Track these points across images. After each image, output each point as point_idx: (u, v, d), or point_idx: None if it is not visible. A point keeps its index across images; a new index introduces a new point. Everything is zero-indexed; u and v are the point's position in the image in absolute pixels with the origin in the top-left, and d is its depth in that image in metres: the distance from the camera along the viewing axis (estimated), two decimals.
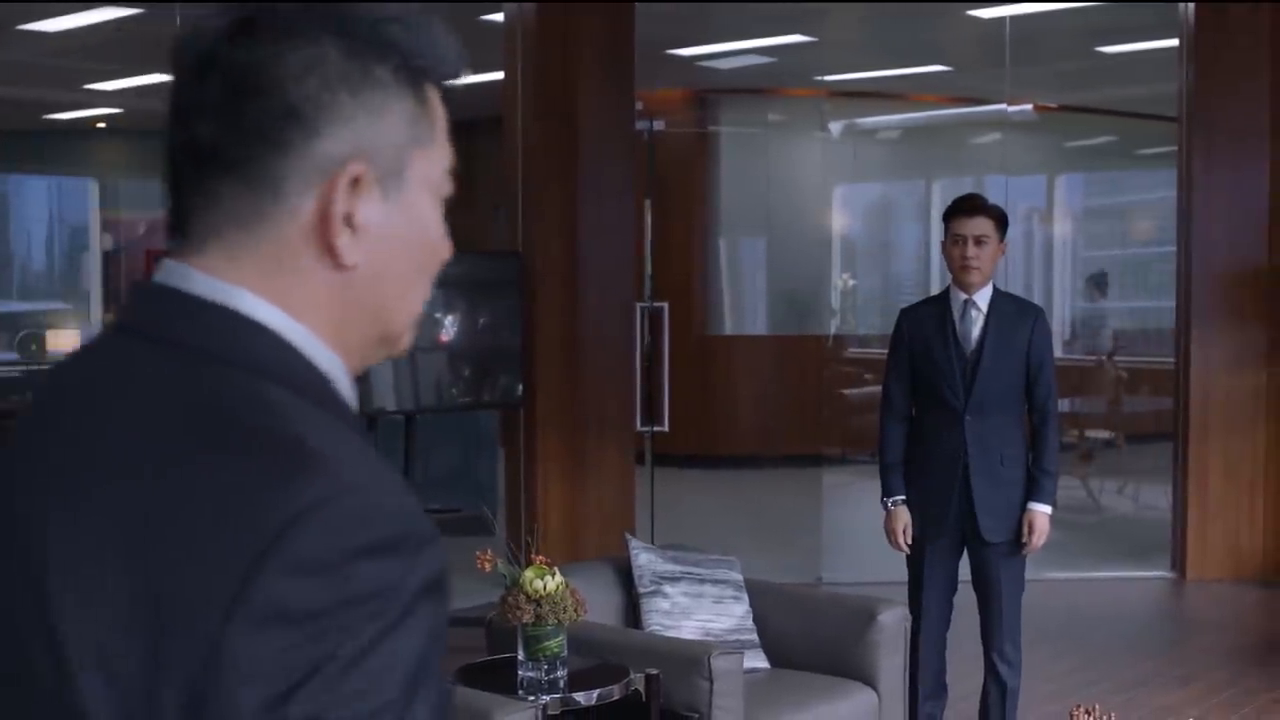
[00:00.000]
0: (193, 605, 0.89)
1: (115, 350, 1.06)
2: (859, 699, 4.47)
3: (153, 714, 0.90)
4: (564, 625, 3.84)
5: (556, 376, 7.37)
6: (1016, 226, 13.46)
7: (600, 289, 7.46)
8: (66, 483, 0.99)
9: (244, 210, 1.03)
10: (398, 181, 1.06)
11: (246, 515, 0.90)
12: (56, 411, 1.06)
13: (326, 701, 0.87)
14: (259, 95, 1.01)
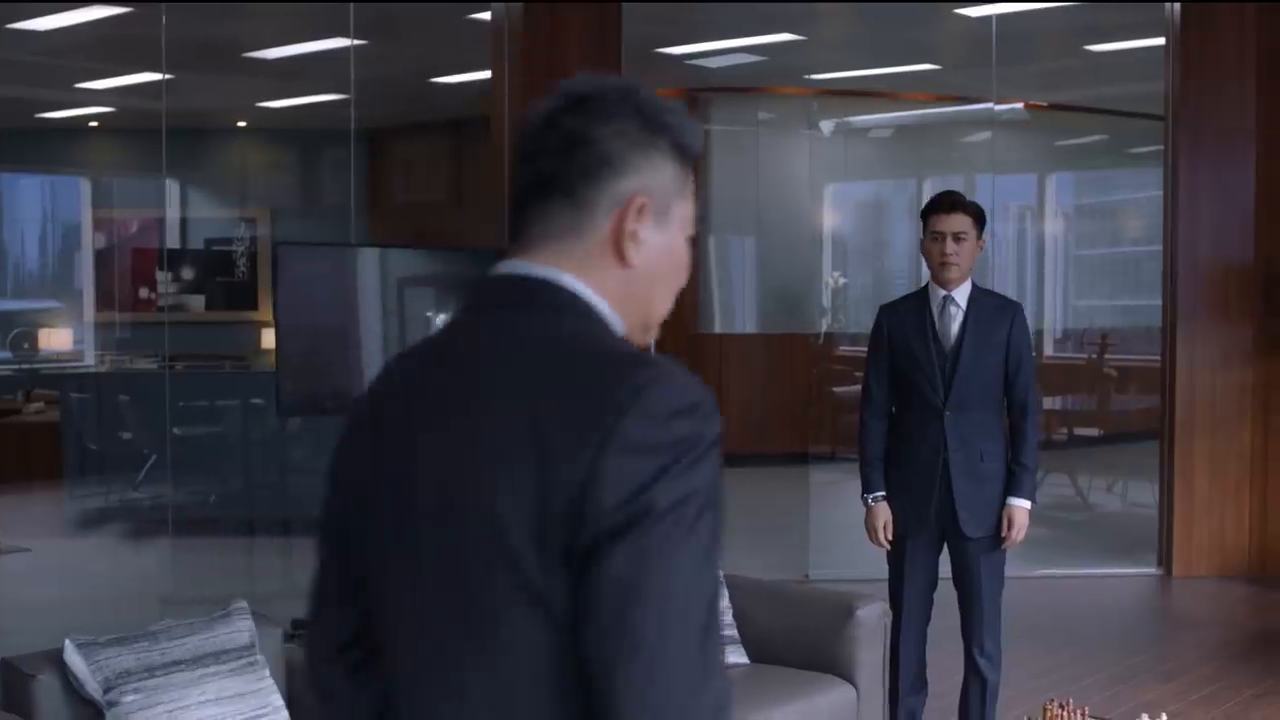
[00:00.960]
0: (578, 443, 1.41)
1: (481, 318, 1.59)
2: (837, 694, 4.48)
3: (543, 517, 1.41)
4: None
5: None
6: (1007, 225, 13.53)
7: None
8: (475, 404, 1.51)
9: (568, 223, 1.57)
10: (665, 217, 1.60)
11: (610, 389, 1.43)
12: (453, 356, 1.57)
13: (662, 493, 1.39)
14: (585, 147, 1.55)
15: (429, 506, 1.52)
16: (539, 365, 1.50)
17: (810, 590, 4.82)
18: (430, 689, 1.55)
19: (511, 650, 1.45)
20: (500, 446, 1.46)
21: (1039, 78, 11.51)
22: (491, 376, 1.51)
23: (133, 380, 11.01)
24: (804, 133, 12.36)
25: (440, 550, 1.51)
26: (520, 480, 1.43)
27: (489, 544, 1.45)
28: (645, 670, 1.37)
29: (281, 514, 9.05)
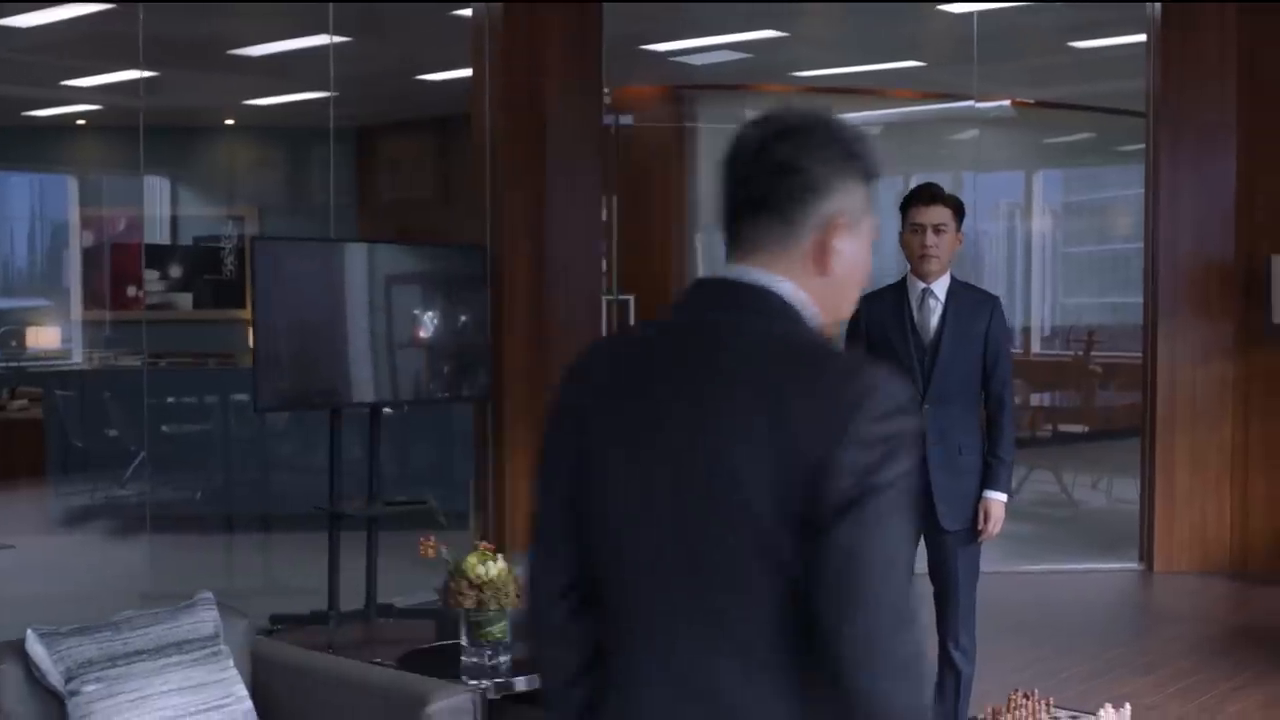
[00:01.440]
0: (818, 435, 1.68)
1: (709, 312, 1.85)
2: None
3: (784, 486, 1.68)
4: (506, 610, 3.86)
5: (525, 370, 7.41)
6: (995, 223, 13.55)
7: (567, 282, 7.49)
8: (713, 386, 1.76)
9: (776, 237, 1.84)
10: (856, 230, 1.86)
11: (844, 393, 1.71)
12: (689, 341, 1.82)
13: (882, 477, 1.67)
14: (794, 173, 1.82)
15: (668, 470, 1.78)
16: (772, 359, 1.78)
17: None
18: (666, 628, 1.79)
19: (744, 593, 1.73)
20: (742, 424, 1.73)
21: (1024, 74, 11.52)
22: (728, 362, 1.79)
23: (116, 377, 10.99)
24: None
25: (678, 507, 1.77)
26: (761, 454, 1.71)
27: (729, 504, 1.72)
28: (865, 621, 1.66)
29: (263, 510, 9.06)
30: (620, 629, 1.85)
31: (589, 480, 1.87)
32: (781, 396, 1.72)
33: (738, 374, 1.76)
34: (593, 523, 1.87)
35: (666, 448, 1.79)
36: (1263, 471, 8.06)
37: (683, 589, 1.77)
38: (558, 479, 1.92)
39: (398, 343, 6.65)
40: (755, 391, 1.74)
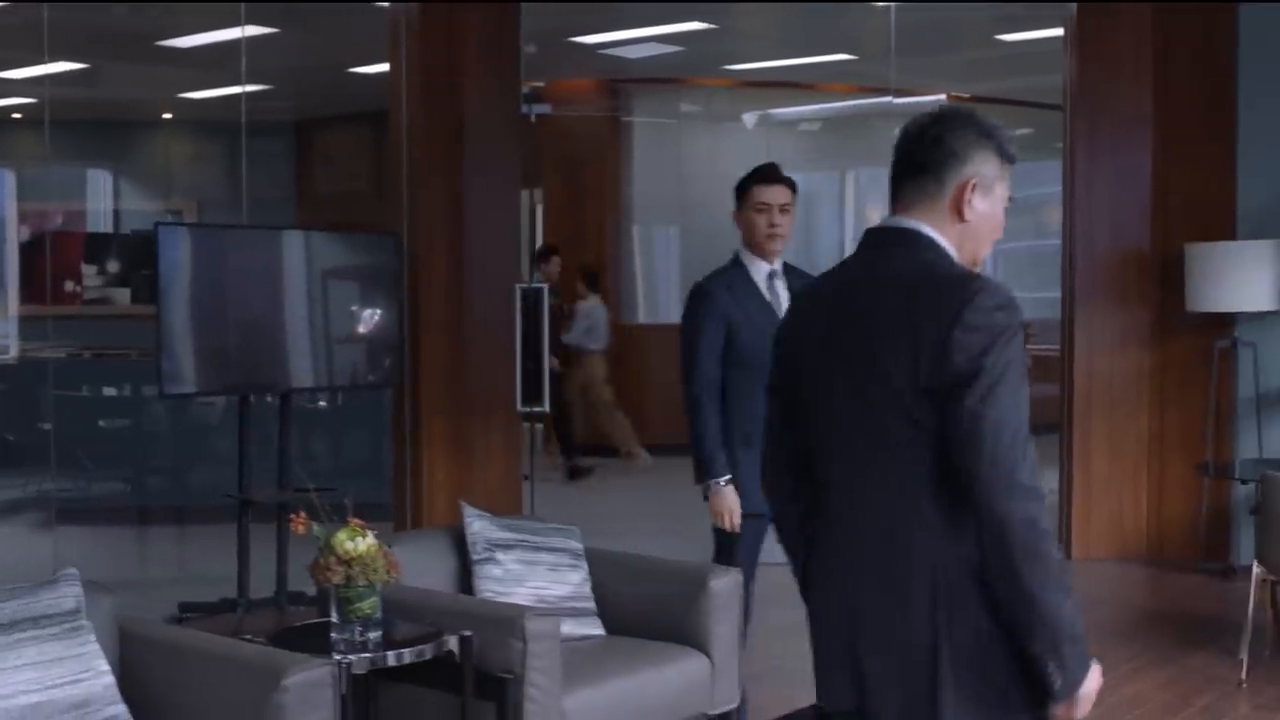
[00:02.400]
0: (936, 325, 2.34)
1: (876, 251, 2.57)
2: (691, 664, 4.52)
3: (915, 372, 2.35)
4: (376, 586, 3.87)
5: (442, 360, 7.41)
6: None
7: (485, 273, 7.50)
8: (874, 296, 2.48)
9: (929, 193, 2.53)
10: (988, 191, 2.54)
11: (956, 293, 2.36)
12: (862, 274, 2.55)
13: (993, 358, 2.30)
14: (942, 146, 2.53)
15: (848, 364, 2.50)
16: (913, 281, 2.45)
17: (667, 563, 4.83)
18: (849, 478, 2.53)
19: (896, 448, 2.43)
20: (890, 331, 2.42)
21: (958, 69, 11.60)
22: (884, 287, 2.48)
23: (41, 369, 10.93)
24: (727, 124, 12.42)
25: (853, 394, 2.49)
26: (901, 350, 2.39)
27: (882, 383, 2.42)
28: (985, 456, 2.31)
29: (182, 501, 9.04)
30: (825, 485, 2.60)
31: (803, 382, 2.62)
32: (914, 300, 2.41)
33: (888, 289, 2.46)
34: (807, 413, 2.63)
35: (848, 347, 2.51)
36: (1178, 459, 8.14)
37: (859, 451, 2.50)
38: (780, 386, 2.71)
39: (309, 330, 6.65)
40: (897, 300, 2.44)
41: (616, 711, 4.28)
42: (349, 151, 12.59)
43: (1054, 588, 2.33)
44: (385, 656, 3.83)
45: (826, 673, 2.59)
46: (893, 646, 2.45)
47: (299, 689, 3.41)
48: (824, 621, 2.62)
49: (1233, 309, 7.65)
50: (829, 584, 2.60)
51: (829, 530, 2.59)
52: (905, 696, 2.44)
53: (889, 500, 2.45)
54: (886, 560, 2.46)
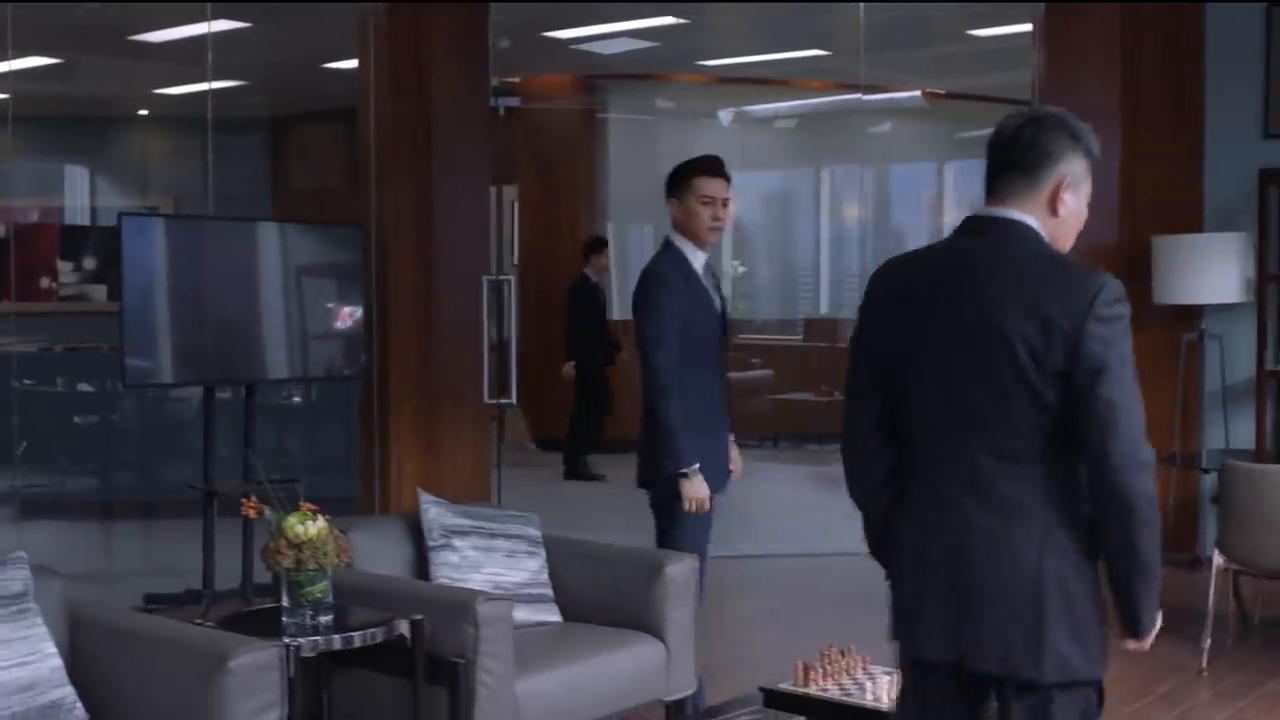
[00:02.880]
0: (1071, 313, 2.58)
1: (980, 235, 2.76)
2: (645, 650, 4.53)
3: (1041, 350, 2.60)
4: (327, 570, 3.88)
5: (410, 352, 7.42)
6: (909, 214, 13.65)
7: (454, 266, 7.51)
8: (996, 278, 2.67)
9: (1024, 188, 2.75)
10: (1077, 189, 2.80)
11: (1083, 286, 2.60)
12: (969, 254, 2.75)
13: (1121, 349, 2.59)
14: (1037, 147, 2.75)
15: (961, 336, 2.70)
16: (1037, 268, 2.68)
17: (623, 550, 4.85)
18: (957, 445, 2.72)
19: (1014, 416, 2.66)
20: (1019, 313, 2.62)
21: (931, 65, 11.62)
22: (1005, 271, 2.68)
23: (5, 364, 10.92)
24: (702, 120, 12.43)
25: (971, 358, 2.68)
26: (1030, 332, 2.61)
27: (1002, 357, 2.64)
28: (1123, 442, 2.59)
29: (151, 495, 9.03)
30: (926, 449, 2.79)
31: (898, 350, 2.80)
32: (1042, 287, 2.63)
33: (1010, 274, 2.68)
34: (903, 377, 2.80)
35: (960, 321, 2.69)
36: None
37: (969, 417, 2.70)
38: (870, 352, 2.87)
39: (274, 322, 6.65)
40: (1022, 284, 2.65)
41: (570, 697, 4.29)
42: (324, 147, 12.58)
43: (1158, 549, 2.68)
44: (334, 640, 3.83)
45: (916, 625, 2.78)
46: (999, 591, 2.67)
47: (244, 671, 3.41)
48: (915, 574, 2.80)
49: (1200, 301, 7.69)
50: (925, 538, 2.78)
51: (927, 489, 2.78)
52: (1010, 632, 2.66)
53: (1001, 463, 2.68)
54: (996, 516, 2.68)
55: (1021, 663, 2.65)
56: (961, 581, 2.70)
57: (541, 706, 4.19)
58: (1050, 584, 2.64)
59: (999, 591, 2.67)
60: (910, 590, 2.80)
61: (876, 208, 13.05)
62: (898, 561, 2.85)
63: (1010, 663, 2.66)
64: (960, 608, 2.70)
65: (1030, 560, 2.65)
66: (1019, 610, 2.65)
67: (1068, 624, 2.65)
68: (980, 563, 2.68)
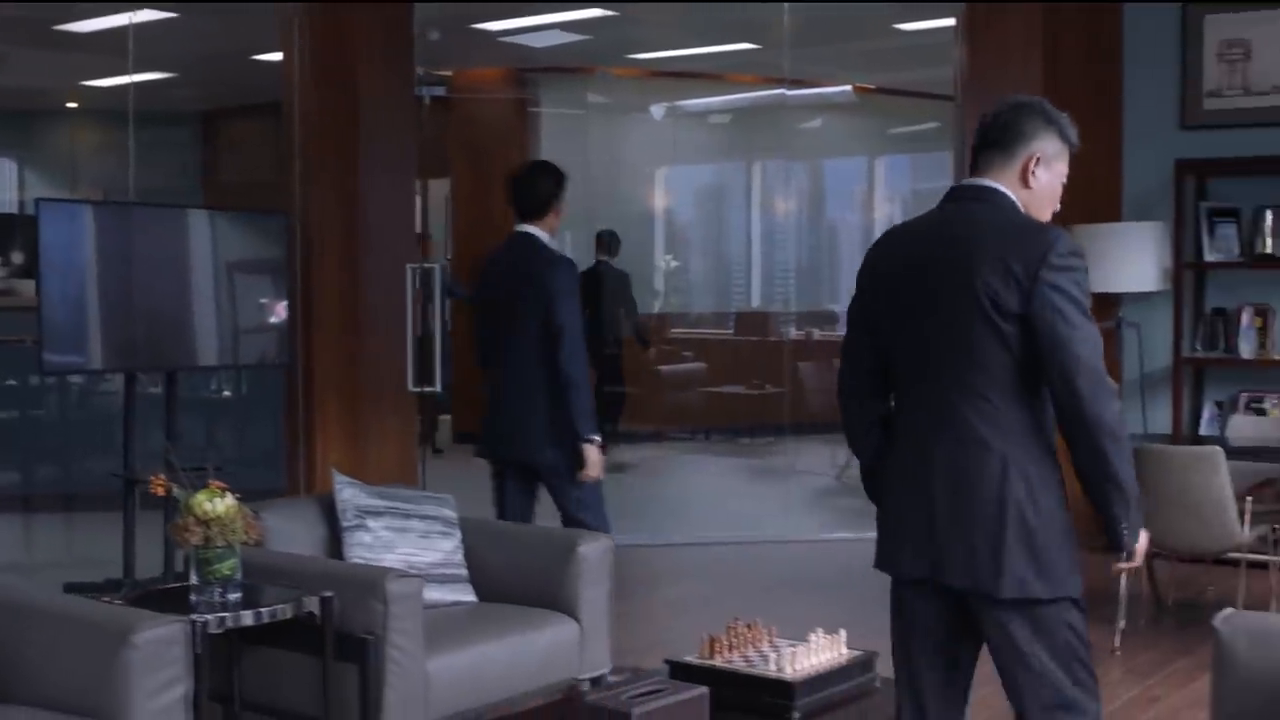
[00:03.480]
0: (1026, 263, 2.95)
1: (964, 202, 3.16)
2: (559, 629, 4.56)
3: (999, 295, 2.97)
4: (235, 548, 3.89)
5: (335, 340, 7.41)
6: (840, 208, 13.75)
7: (379, 254, 7.51)
8: (969, 235, 3.05)
9: (1001, 163, 3.13)
10: (1048, 165, 3.14)
11: (1041, 238, 2.99)
12: (954, 218, 3.14)
13: (1078, 291, 2.97)
14: (1013, 126, 3.13)
15: (943, 285, 3.04)
16: (1001, 226, 3.04)
17: (538, 530, 4.88)
18: (936, 387, 3.07)
19: (982, 356, 3.01)
20: (986, 265, 2.97)
21: (858, 60, 11.70)
22: (977, 228, 3.05)
23: None
24: (635, 114, 12.47)
25: (948, 306, 3.03)
26: (994, 281, 2.95)
27: (975, 307, 2.98)
28: (1082, 373, 2.93)
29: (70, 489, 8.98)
30: (908, 391, 3.17)
31: (896, 302, 3.15)
32: (1005, 241, 2.99)
33: (980, 230, 3.04)
34: (894, 328, 3.16)
35: (946, 274, 3.04)
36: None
37: (947, 361, 3.04)
38: (869, 312, 3.23)
39: (194, 310, 6.62)
40: (989, 239, 3.01)
41: (482, 675, 4.31)
42: (254, 141, 12.53)
43: (1129, 465, 3.01)
44: (241, 616, 3.83)
45: (900, 547, 3.14)
46: (965, 516, 3.01)
47: (148, 646, 3.42)
48: (902, 498, 3.14)
49: (1118, 290, 7.79)
50: (908, 470, 3.13)
51: (911, 432, 3.15)
52: (977, 553, 3.00)
53: (970, 401, 3.02)
54: (963, 449, 3.03)
55: (984, 580, 2.99)
56: (934, 509, 3.04)
57: (453, 684, 4.21)
58: (1010, 511, 2.98)
59: (965, 517, 3.01)
60: (891, 516, 3.18)
61: (808, 202, 13.15)
62: (886, 493, 3.21)
63: (976, 579, 3.01)
64: (931, 531, 3.05)
65: (991, 490, 2.99)
66: (983, 534, 2.99)
67: (1025, 549, 2.99)
68: (950, 492, 3.03)
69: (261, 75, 11.55)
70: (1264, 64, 7.83)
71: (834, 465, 10.89)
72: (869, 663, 3.85)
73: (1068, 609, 3.09)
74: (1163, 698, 5.40)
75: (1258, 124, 7.79)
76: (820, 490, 10.52)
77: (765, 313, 12.57)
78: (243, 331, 6.83)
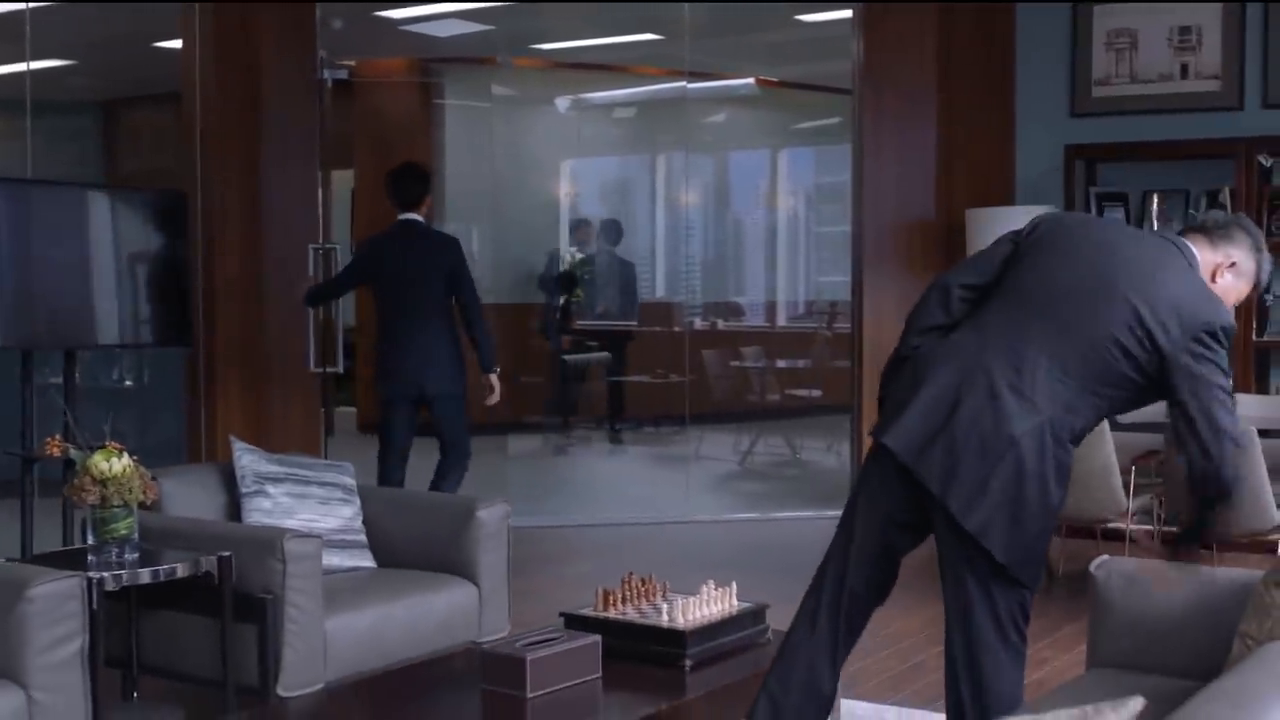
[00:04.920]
0: (1183, 331, 3.17)
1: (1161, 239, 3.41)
2: (458, 591, 4.62)
3: (1161, 343, 3.16)
4: (132, 508, 3.90)
5: (237, 320, 7.41)
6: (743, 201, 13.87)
7: (281, 237, 7.52)
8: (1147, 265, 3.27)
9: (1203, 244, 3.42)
10: (1238, 276, 3.40)
11: (1212, 308, 3.22)
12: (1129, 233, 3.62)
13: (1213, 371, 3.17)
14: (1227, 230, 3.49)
15: (1103, 282, 3.20)
16: (1178, 270, 3.25)
17: (436, 496, 4.95)
18: (1039, 334, 3.19)
19: (1103, 355, 3.15)
20: (1161, 293, 3.19)
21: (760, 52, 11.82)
22: (1157, 259, 3.26)
23: None
24: (541, 108, 12.52)
25: (1101, 299, 3.20)
26: (1150, 322, 3.16)
27: (1123, 316, 3.15)
28: (1211, 406, 3.12)
29: None
30: (1009, 321, 3.23)
31: (1049, 260, 3.28)
32: (1182, 292, 3.18)
33: (1161, 267, 3.22)
34: (1038, 278, 3.26)
35: (1107, 274, 3.20)
36: None
37: (1064, 327, 3.17)
38: (1021, 249, 3.35)
39: (97, 288, 6.58)
40: (1160, 276, 3.20)
41: (382, 636, 4.36)
42: (155, 128, 12.41)
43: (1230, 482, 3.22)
44: (139, 574, 3.85)
45: (891, 420, 3.24)
46: (972, 442, 3.10)
47: (43, 600, 3.44)
48: (915, 390, 3.22)
49: None
50: (948, 372, 3.19)
51: (981, 344, 3.21)
52: (961, 473, 3.10)
53: (1053, 367, 3.14)
54: (1013, 394, 3.12)
55: (955, 499, 3.10)
56: (952, 420, 3.12)
57: (352, 645, 4.25)
58: (1009, 466, 3.09)
59: (972, 443, 3.10)
60: (903, 398, 3.25)
61: (711, 195, 13.26)
62: (906, 378, 3.31)
63: (947, 492, 3.11)
64: (932, 431, 3.13)
65: (1006, 437, 3.08)
66: (977, 463, 3.09)
67: (1006, 506, 3.10)
68: (977, 417, 3.11)
69: (163, 63, 11.47)
70: (1150, 53, 8.06)
71: (736, 451, 11.02)
72: (760, 613, 3.94)
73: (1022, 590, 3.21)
74: (1051, 660, 5.55)
75: (1144, 111, 8.02)
76: (723, 475, 10.64)
77: (669, 303, 12.67)
78: (143, 311, 6.80)
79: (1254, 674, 2.16)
